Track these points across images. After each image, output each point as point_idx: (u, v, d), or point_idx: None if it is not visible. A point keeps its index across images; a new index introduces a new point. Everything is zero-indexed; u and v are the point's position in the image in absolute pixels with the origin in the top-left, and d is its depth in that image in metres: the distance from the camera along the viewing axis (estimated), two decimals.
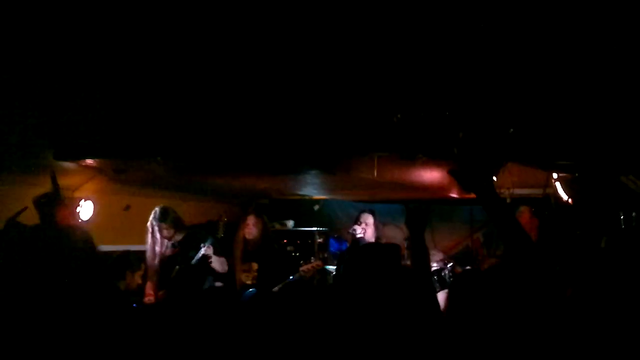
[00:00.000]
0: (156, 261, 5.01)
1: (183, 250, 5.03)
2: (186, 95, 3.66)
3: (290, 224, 7.66)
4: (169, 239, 5.06)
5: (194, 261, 4.89)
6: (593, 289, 2.61)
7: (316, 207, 7.66)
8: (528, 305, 2.24)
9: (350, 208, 7.34)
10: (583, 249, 4.78)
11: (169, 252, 5.06)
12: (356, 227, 5.49)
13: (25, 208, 4.40)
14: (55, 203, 3.92)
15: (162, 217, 5.01)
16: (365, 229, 5.48)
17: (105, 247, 5.19)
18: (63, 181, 4.93)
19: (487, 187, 2.39)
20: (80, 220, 5.03)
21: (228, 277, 5.08)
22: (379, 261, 2.50)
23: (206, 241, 4.95)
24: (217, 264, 4.98)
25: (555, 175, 4.97)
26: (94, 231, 5.37)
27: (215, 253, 4.99)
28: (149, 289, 5.03)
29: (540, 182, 5.26)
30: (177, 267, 4.88)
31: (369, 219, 5.55)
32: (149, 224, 5.03)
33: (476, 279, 2.37)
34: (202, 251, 4.90)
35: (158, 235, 5.03)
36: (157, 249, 5.03)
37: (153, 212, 5.05)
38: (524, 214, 5.02)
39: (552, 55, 2.89)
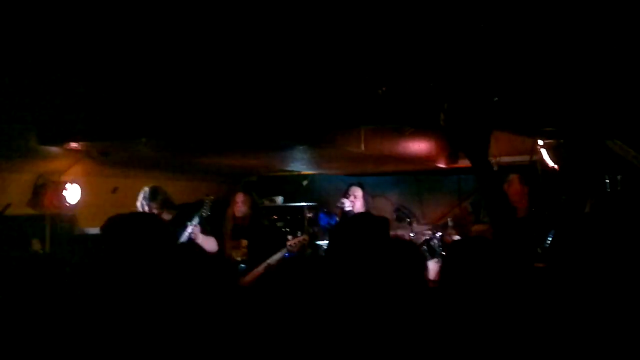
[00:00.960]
0: None
1: (172, 229, 5.02)
2: (170, 75, 3.63)
3: (279, 199, 7.67)
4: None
5: (180, 240, 4.88)
6: (578, 254, 2.64)
7: (305, 183, 7.66)
8: (517, 273, 2.26)
9: (338, 182, 7.35)
10: (569, 213, 4.83)
11: None
12: (344, 200, 5.51)
13: (9, 205, 4.38)
14: None
15: (152, 197, 4.98)
16: (354, 202, 5.49)
17: (93, 230, 5.18)
18: (49, 165, 4.90)
19: (481, 152, 2.39)
20: (67, 204, 5.00)
21: (219, 256, 5.09)
22: (365, 231, 2.50)
23: (192, 220, 4.94)
24: (206, 243, 4.98)
25: (540, 142, 4.99)
26: (82, 214, 5.38)
27: (204, 232, 4.98)
28: None
29: (527, 150, 5.29)
30: None
31: (357, 192, 5.56)
32: (138, 203, 5.01)
33: (468, 248, 2.38)
34: (189, 230, 4.89)
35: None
36: None
37: (142, 192, 5.02)
38: (514, 183, 5.01)
39: (534, 23, 2.88)
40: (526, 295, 2.24)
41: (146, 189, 5.03)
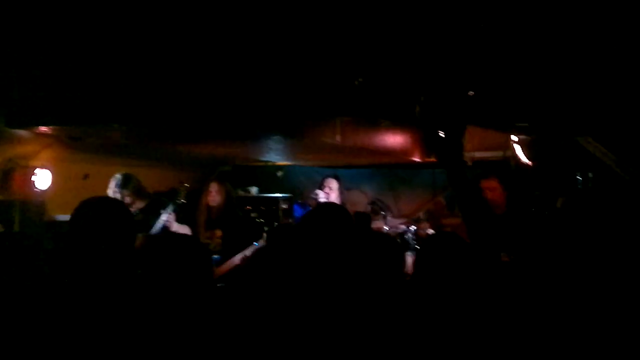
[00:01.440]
0: None
1: (145, 218, 4.96)
2: (144, 59, 3.57)
3: (254, 190, 7.63)
4: (130, 206, 4.98)
5: (154, 230, 4.82)
6: (548, 249, 2.67)
7: (280, 174, 7.64)
8: (487, 267, 2.28)
9: (314, 174, 7.34)
10: (540, 209, 4.88)
11: None
12: (318, 191, 5.50)
13: None
14: None
15: (124, 184, 4.91)
16: (329, 194, 5.49)
17: (63, 217, 5.09)
18: (17, 150, 4.80)
19: (454, 151, 2.40)
20: (36, 190, 4.91)
21: (195, 245, 5.02)
22: (335, 221, 2.50)
23: (167, 208, 4.88)
24: (181, 231, 4.92)
25: (514, 138, 5.03)
26: (52, 201, 5.28)
27: (178, 220, 4.92)
28: None
29: (500, 145, 5.34)
30: (139, 235, 4.80)
31: (332, 184, 5.56)
32: (110, 191, 4.93)
33: (443, 243, 2.39)
34: (164, 218, 4.84)
35: None
36: None
37: (114, 179, 4.94)
38: (495, 188, 4.92)
39: (510, 18, 2.90)
40: (494, 288, 2.26)
41: (118, 176, 4.95)
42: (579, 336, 2.15)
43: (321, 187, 5.55)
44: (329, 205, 4.26)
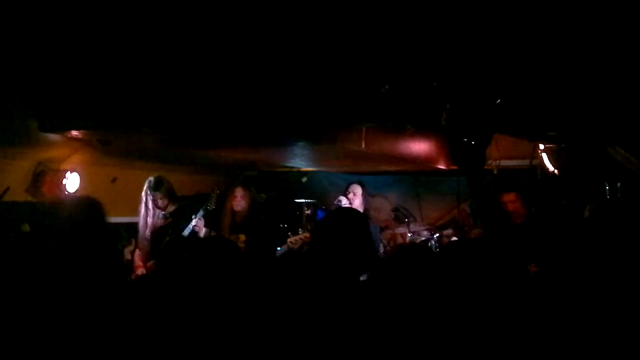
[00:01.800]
0: (148, 232, 4.99)
1: (175, 221, 5.02)
2: (174, 66, 3.62)
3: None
4: (163, 209, 5.04)
5: (184, 233, 4.89)
6: (577, 260, 2.64)
7: (304, 179, 7.66)
8: (509, 276, 2.26)
9: (338, 180, 7.35)
10: (569, 219, 4.83)
11: (160, 222, 5.03)
12: (342, 197, 5.51)
13: (8, 189, 4.36)
14: None
15: (157, 187, 4.98)
16: (353, 199, 5.50)
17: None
18: (48, 153, 4.89)
19: (477, 160, 2.37)
20: (66, 193, 5.00)
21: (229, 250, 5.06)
22: (345, 226, 2.49)
23: (197, 213, 4.94)
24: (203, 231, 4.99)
25: (541, 146, 4.99)
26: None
27: (205, 225, 4.98)
28: (139, 260, 5.03)
29: (527, 154, 5.30)
30: (167, 238, 4.88)
31: (357, 190, 5.57)
32: (143, 193, 5.00)
33: (464, 250, 2.38)
34: (193, 222, 4.90)
35: (151, 206, 5.00)
36: (150, 220, 5.00)
37: (147, 182, 5.01)
38: (515, 201, 4.93)
39: (539, 26, 2.88)
40: (519, 298, 2.24)
41: (151, 179, 5.02)
42: (609, 347, 2.13)
43: (346, 193, 5.56)
44: (345, 210, 4.27)
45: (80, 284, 2.28)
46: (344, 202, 5.48)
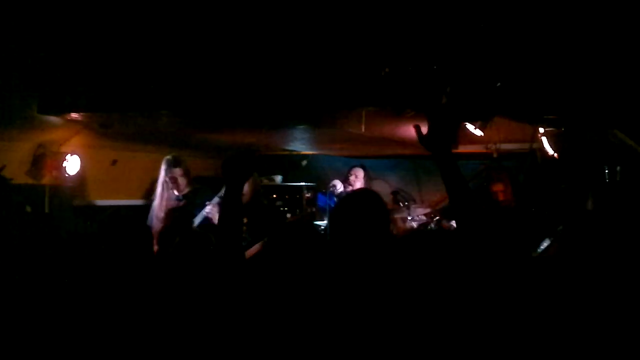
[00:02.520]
0: (162, 213, 4.91)
1: (188, 204, 4.96)
2: (175, 49, 3.61)
3: (278, 179, 7.67)
4: (179, 189, 4.97)
5: (197, 220, 4.81)
6: (578, 246, 2.65)
7: (304, 162, 7.67)
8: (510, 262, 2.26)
9: (338, 163, 7.36)
10: (568, 203, 4.84)
11: (173, 204, 4.95)
12: (336, 182, 5.54)
13: (4, 167, 4.36)
14: None
15: (177, 163, 4.93)
16: (354, 182, 5.51)
17: (92, 202, 5.19)
18: (49, 135, 4.90)
19: (444, 145, 2.31)
20: (66, 175, 5.00)
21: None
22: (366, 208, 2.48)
23: (211, 199, 4.87)
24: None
25: (541, 130, 4.98)
26: (82, 185, 5.38)
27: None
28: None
29: (527, 137, 5.28)
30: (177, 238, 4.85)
31: (359, 172, 5.59)
32: (162, 172, 4.92)
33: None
34: (207, 210, 4.83)
35: (169, 186, 4.92)
36: (164, 201, 4.92)
37: (166, 160, 4.93)
38: (505, 190, 5.02)
39: (539, 10, 2.87)
40: (518, 284, 2.25)
41: (169, 157, 4.97)
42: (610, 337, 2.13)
43: (348, 176, 5.58)
44: (358, 191, 4.29)
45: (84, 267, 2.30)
46: (339, 187, 5.50)
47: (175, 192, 4.91)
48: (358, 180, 5.53)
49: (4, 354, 2.07)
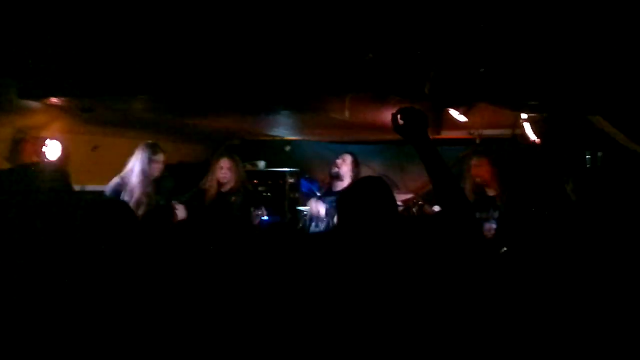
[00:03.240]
0: (138, 195, 4.88)
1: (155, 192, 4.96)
2: (154, 32, 3.57)
3: (261, 164, 7.66)
4: (156, 175, 4.95)
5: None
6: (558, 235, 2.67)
7: (287, 148, 7.65)
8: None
9: (322, 149, 7.35)
10: (549, 189, 4.88)
11: (146, 189, 4.92)
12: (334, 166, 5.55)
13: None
14: None
15: (155, 151, 4.91)
16: (341, 166, 5.52)
17: (75, 187, 5.13)
18: (28, 120, 4.83)
19: (419, 132, 2.32)
20: (46, 160, 4.94)
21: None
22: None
23: (172, 188, 4.90)
24: (182, 213, 4.92)
25: (524, 116, 5.01)
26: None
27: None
28: None
29: (509, 123, 5.32)
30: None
31: (347, 158, 5.60)
32: (143, 158, 4.88)
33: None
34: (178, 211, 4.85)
35: (147, 172, 4.89)
36: (140, 187, 4.87)
37: (147, 147, 4.89)
38: (484, 164, 5.03)
39: None
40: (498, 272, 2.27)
41: (149, 143, 4.92)
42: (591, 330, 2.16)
43: (336, 161, 5.60)
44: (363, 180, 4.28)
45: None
46: (335, 170, 5.52)
47: (151, 177, 4.90)
48: (345, 164, 5.53)
49: None
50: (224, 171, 5.20)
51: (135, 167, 4.87)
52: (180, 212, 4.85)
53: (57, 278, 2.14)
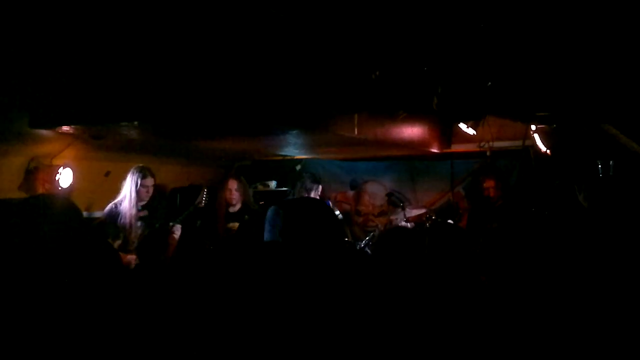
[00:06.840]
0: (129, 222, 4.96)
1: (149, 215, 5.03)
2: (164, 58, 3.60)
3: (272, 184, 7.66)
4: (146, 199, 5.04)
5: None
6: (571, 241, 2.66)
7: (298, 167, 7.65)
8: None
9: (332, 166, 7.36)
10: (562, 199, 4.85)
11: (136, 212, 5.01)
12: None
13: None
14: None
15: (145, 174, 4.99)
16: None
17: (87, 214, 5.17)
18: (40, 149, 4.88)
19: None
20: (59, 188, 4.98)
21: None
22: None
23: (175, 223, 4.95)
24: (179, 234, 5.00)
25: (533, 127, 5.01)
26: (75, 198, 5.35)
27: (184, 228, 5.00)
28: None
29: (519, 135, 5.31)
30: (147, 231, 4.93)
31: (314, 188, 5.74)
32: (133, 181, 4.97)
33: (453, 232, 2.39)
34: (175, 232, 4.91)
35: (138, 195, 4.98)
36: (134, 210, 4.98)
37: (137, 170, 4.98)
38: (491, 185, 5.50)
39: (528, 7, 2.88)
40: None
41: (139, 166, 5.01)
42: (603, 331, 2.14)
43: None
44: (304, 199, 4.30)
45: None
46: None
47: (140, 202, 4.98)
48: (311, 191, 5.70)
49: None
50: (232, 192, 5.32)
51: (126, 191, 4.98)
52: (178, 233, 4.93)
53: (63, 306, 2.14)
